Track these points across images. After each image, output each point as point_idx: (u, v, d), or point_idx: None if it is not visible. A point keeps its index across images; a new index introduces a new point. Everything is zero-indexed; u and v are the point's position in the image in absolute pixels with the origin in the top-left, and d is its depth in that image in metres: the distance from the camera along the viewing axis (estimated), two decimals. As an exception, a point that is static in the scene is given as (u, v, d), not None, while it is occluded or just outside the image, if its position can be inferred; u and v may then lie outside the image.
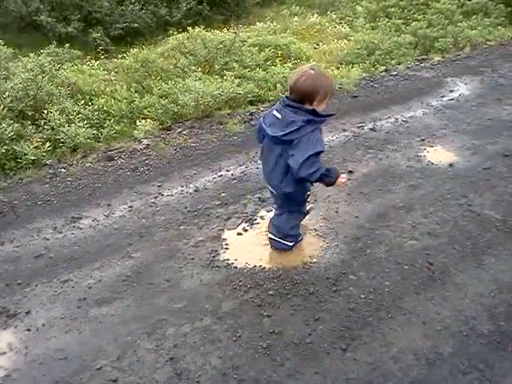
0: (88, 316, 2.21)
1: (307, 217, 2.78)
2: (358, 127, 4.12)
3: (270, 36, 7.35)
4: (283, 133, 2.19)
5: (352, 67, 6.63)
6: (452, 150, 3.65)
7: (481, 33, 6.92)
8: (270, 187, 2.51)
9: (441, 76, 5.29)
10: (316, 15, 11.37)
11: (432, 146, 3.75)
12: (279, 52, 6.52)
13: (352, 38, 8.15)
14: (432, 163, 3.50)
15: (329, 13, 11.49)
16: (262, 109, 4.59)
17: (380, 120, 4.25)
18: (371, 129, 4.08)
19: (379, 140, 3.87)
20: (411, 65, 5.80)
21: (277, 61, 6.18)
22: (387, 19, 8.52)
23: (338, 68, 6.85)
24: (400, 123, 4.16)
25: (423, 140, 3.84)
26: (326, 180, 2.26)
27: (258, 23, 9.92)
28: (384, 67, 6.37)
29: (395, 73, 5.47)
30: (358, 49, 7.32)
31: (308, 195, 2.54)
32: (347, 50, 7.52)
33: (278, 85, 5.03)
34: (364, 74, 5.82)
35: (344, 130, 4.07)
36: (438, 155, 3.62)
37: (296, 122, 2.17)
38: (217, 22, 10.68)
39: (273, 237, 2.62)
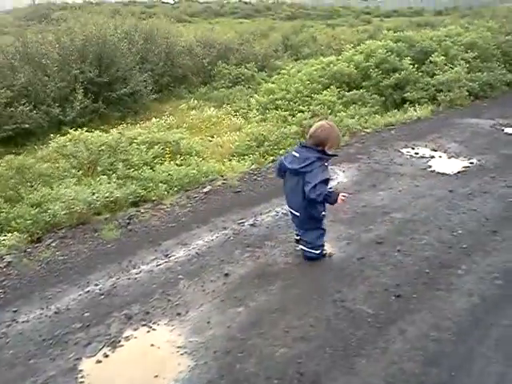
0: None
1: (177, 332, 2.60)
2: (239, 224, 4.09)
3: (161, 132, 7.40)
4: (300, 166, 3.09)
5: (243, 159, 6.82)
6: (328, 241, 3.68)
7: (358, 121, 7.48)
8: (293, 211, 3.33)
9: (321, 165, 5.53)
10: (213, 108, 11.85)
11: (310, 239, 3.78)
12: (168, 149, 6.54)
13: (245, 130, 8.48)
14: (309, 257, 3.50)
15: (225, 105, 12.03)
16: (142, 210, 4.44)
17: (261, 214, 4.26)
18: (251, 224, 4.06)
19: (258, 236, 3.84)
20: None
21: (166, 157, 6.17)
22: (275, 111, 9.01)
23: (230, 160, 7.01)
24: (280, 216, 4.19)
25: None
26: (329, 200, 3.10)
27: (153, 119, 10.07)
28: (272, 157, 6.60)
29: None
30: (249, 141, 7.58)
31: (323, 215, 3.36)
32: (239, 142, 7.76)
33: (161, 184, 4.95)
34: (252, 166, 5.95)
35: (224, 228, 4.01)
36: (316, 248, 3.65)
37: (310, 158, 3.07)
38: (114, 119, 10.67)
39: (303, 247, 3.41)
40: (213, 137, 9.73)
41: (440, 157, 5.71)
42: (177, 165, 5.93)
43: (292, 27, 23.43)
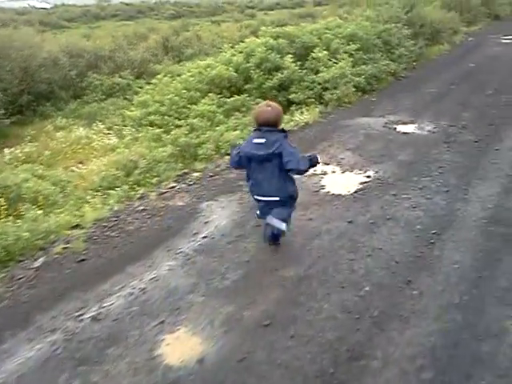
0: None
1: None
2: (76, 319, 2.89)
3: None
4: (272, 150, 3.12)
5: (108, 195, 5.59)
6: (201, 332, 2.64)
7: (242, 133, 6.53)
8: (269, 198, 3.27)
9: (196, 202, 4.47)
10: (82, 128, 10.32)
11: (173, 332, 2.71)
12: (4, 197, 5.09)
13: (114, 154, 7.20)
14: (170, 368, 2.43)
15: (98, 122, 10.56)
16: None
17: (110, 296, 3.10)
18: (94, 318, 2.88)
19: (100, 341, 2.68)
20: (164, 190, 4.92)
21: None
22: (149, 128, 7.80)
23: (94, 197, 5.74)
24: (136, 297, 3.06)
25: (163, 323, 2.79)
26: (313, 163, 3.26)
27: (5, 149, 8.38)
28: (144, 188, 5.46)
29: (142, 207, 4.49)
30: (116, 169, 6.32)
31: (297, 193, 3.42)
32: (105, 172, 6.46)
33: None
34: (115, 208, 4.74)
35: (52, 332, 2.79)
36: (181, 348, 2.58)
37: (278, 139, 3.15)
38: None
39: (274, 218, 3.21)
40: (82, 163, 8.35)
41: (333, 172, 4.91)
42: (14, 221, 4.54)
43: (171, 27, 22.10)
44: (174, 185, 5.12)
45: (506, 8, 21.09)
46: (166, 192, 4.88)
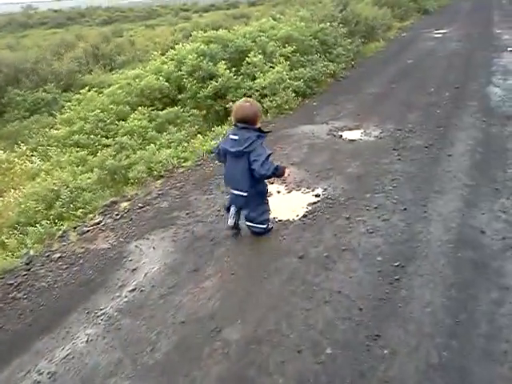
0: None
1: None
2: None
3: None
4: (243, 147, 3.23)
5: (25, 234, 4.86)
6: None
7: (176, 151, 5.91)
8: (238, 192, 3.41)
9: (122, 243, 3.82)
10: (2, 150, 9.31)
11: None
12: None
13: (37, 180, 6.38)
14: None
15: (20, 143, 9.57)
16: None
17: (8, 390, 2.43)
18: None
19: None
20: (86, 228, 4.23)
21: None
22: (76, 148, 7.02)
23: (10, 237, 4.99)
24: (42, 387, 2.41)
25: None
26: (278, 173, 3.30)
27: None
28: (67, 222, 4.76)
29: (59, 254, 3.79)
30: (37, 201, 5.53)
31: (267, 189, 3.60)
32: (23, 205, 5.65)
33: None
34: (30, 252, 4.02)
35: None
36: None
37: (250, 137, 3.24)
38: None
39: (250, 224, 3.53)
40: (3, 192, 7.45)
41: (278, 192, 4.41)
42: None
43: (101, 34, 20.98)
44: (99, 220, 4.44)
45: (433, 3, 21.56)
46: (88, 230, 4.20)
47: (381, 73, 9.26)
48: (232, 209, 3.55)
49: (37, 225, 4.96)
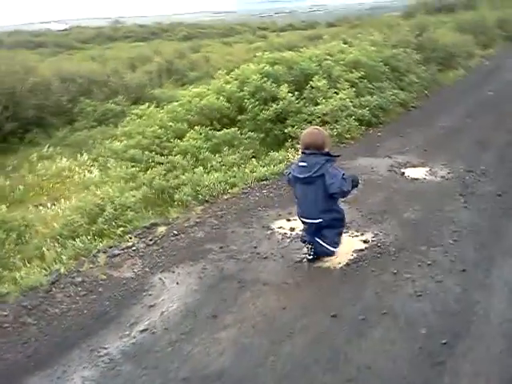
0: None
1: None
2: None
3: None
4: (312, 172, 3.23)
5: (65, 248, 4.83)
6: None
7: (224, 176, 5.68)
8: (311, 221, 3.37)
9: (148, 273, 3.60)
10: (66, 159, 9.62)
11: None
12: None
13: (86, 192, 6.42)
14: None
15: (84, 153, 9.86)
16: None
17: None
18: None
19: None
20: (117, 251, 4.06)
21: None
22: (130, 163, 7.00)
23: (50, 249, 4.98)
24: None
25: None
26: (355, 183, 3.44)
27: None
28: (106, 238, 4.70)
29: (80, 279, 3.62)
30: (81, 214, 5.51)
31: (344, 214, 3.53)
32: (69, 217, 5.65)
33: None
34: (62, 270, 3.91)
35: None
36: None
37: (318, 162, 3.24)
38: None
39: (321, 242, 3.38)
40: (57, 200, 7.63)
41: (324, 232, 4.01)
42: None
43: (176, 50, 21.56)
44: (132, 243, 4.27)
45: (523, 30, 20.11)
46: (118, 254, 4.03)
47: (456, 104, 8.59)
48: (307, 240, 3.44)
49: (77, 239, 4.92)
